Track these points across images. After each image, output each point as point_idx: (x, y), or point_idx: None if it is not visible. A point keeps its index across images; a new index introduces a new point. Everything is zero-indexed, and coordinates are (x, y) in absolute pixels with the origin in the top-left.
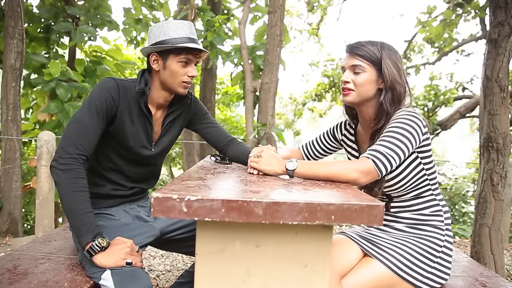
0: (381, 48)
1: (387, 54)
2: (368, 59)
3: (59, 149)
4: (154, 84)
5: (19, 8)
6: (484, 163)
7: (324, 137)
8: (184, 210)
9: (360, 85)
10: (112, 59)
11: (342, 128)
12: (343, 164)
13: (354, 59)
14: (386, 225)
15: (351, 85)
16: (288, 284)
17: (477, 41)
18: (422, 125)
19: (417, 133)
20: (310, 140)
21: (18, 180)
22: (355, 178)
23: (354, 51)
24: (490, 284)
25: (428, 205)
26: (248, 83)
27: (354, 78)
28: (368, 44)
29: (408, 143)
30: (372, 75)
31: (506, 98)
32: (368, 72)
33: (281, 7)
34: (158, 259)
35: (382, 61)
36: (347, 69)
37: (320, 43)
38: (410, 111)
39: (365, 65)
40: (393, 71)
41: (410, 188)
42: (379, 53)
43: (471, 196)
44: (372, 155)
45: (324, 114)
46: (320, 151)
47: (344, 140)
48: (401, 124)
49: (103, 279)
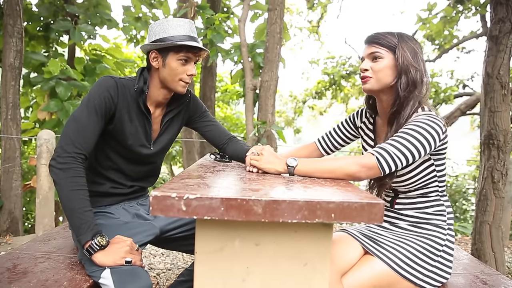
0: (398, 36)
1: (404, 40)
2: (385, 45)
3: (57, 148)
4: (153, 82)
5: (18, 7)
6: (484, 161)
7: (343, 125)
8: (183, 209)
9: (378, 71)
10: (111, 57)
11: (362, 116)
12: (345, 158)
13: (372, 48)
14: (389, 221)
15: (369, 73)
16: (288, 283)
17: (478, 38)
18: (441, 131)
19: (433, 138)
20: (327, 132)
21: (18, 179)
22: (355, 171)
23: (372, 40)
24: (491, 281)
25: (432, 205)
26: (248, 81)
27: (372, 65)
28: (386, 33)
29: (421, 147)
30: (390, 61)
31: (507, 95)
32: (386, 58)
33: (281, 4)
34: (159, 257)
35: (397, 47)
36: (365, 58)
37: (320, 40)
38: (431, 115)
39: (383, 52)
40: (407, 55)
41: (417, 186)
42: (395, 40)
43: (471, 194)
44: (378, 152)
45: (325, 112)
46: (339, 140)
47: (362, 128)
48: (417, 127)
49: (103, 278)
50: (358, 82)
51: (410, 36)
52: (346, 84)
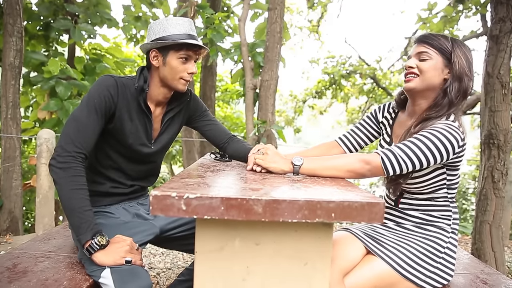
0: (452, 41)
1: (459, 47)
2: (436, 47)
3: (57, 148)
4: (154, 81)
5: (18, 6)
6: (485, 160)
7: (365, 121)
8: (183, 208)
9: (426, 71)
10: (111, 57)
11: (384, 110)
12: (350, 155)
13: (421, 47)
14: (393, 221)
15: (415, 70)
16: (288, 282)
17: (478, 37)
18: (458, 144)
19: (446, 149)
20: (349, 129)
21: (18, 178)
22: (359, 167)
23: (423, 40)
24: (491, 281)
25: (439, 209)
26: (248, 80)
27: (419, 64)
28: (438, 35)
29: (430, 155)
30: (438, 63)
31: (507, 95)
32: (434, 59)
33: (281, 4)
34: (159, 257)
35: (452, 51)
36: (413, 56)
37: (320, 40)
38: (451, 125)
39: (432, 52)
40: (463, 63)
41: (424, 190)
42: (449, 44)
43: (471, 193)
44: (384, 153)
45: (325, 111)
46: (363, 137)
47: (383, 123)
48: (431, 135)
49: (103, 277)
50: (358, 82)
51: (464, 43)
52: (346, 84)
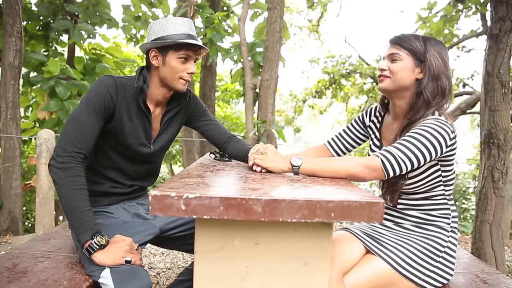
0: (424, 40)
1: (433, 46)
2: (407, 48)
3: (57, 148)
4: (153, 81)
5: (17, 6)
6: (485, 160)
7: (352, 125)
8: (182, 208)
9: (396, 72)
10: (111, 56)
11: (371, 114)
12: (350, 158)
13: (393, 48)
14: (393, 221)
15: (387, 72)
16: (288, 282)
17: (478, 37)
18: (449, 137)
19: (439, 144)
20: (337, 133)
21: (18, 179)
22: (359, 171)
23: (394, 41)
24: (491, 280)
25: (437, 207)
26: (248, 80)
27: (390, 65)
28: (410, 36)
29: (426, 151)
30: (408, 64)
31: (507, 94)
32: (404, 60)
33: (280, 3)
34: (159, 256)
35: (426, 51)
36: (385, 58)
37: (320, 39)
38: (440, 119)
39: (403, 54)
40: (439, 62)
41: (422, 189)
42: (420, 44)
43: (471, 193)
44: (383, 155)
45: (325, 111)
46: (350, 141)
47: (371, 127)
48: (424, 131)
49: (102, 277)
50: (358, 81)
51: (438, 41)
52: (346, 83)
